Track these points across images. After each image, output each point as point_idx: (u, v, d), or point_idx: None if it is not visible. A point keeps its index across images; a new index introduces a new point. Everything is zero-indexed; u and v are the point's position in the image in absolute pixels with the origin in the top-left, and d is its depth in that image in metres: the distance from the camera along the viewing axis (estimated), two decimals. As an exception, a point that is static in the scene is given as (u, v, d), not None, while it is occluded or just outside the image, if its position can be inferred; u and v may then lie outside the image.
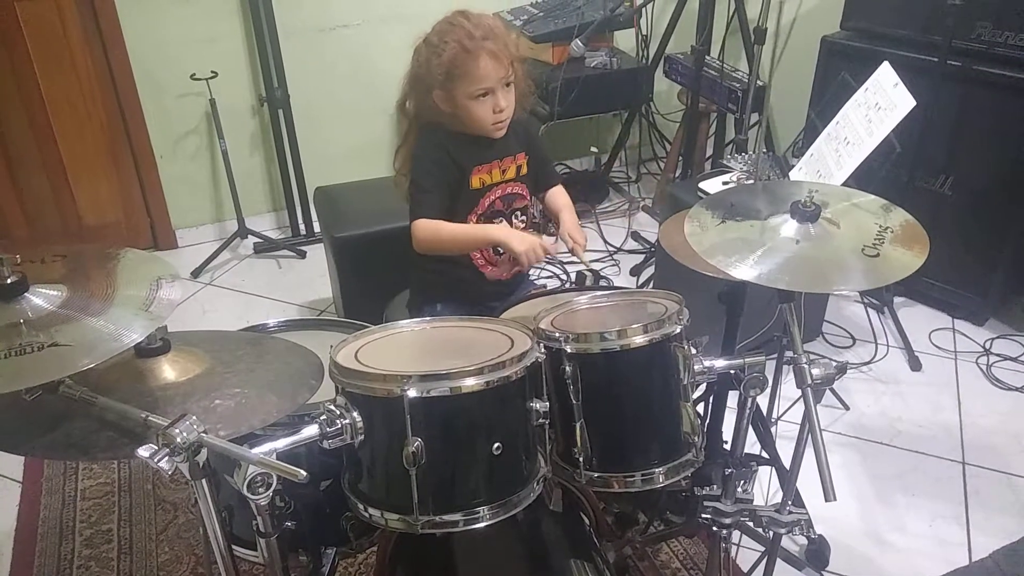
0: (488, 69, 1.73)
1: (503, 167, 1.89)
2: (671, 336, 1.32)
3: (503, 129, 1.84)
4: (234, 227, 3.42)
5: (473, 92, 1.74)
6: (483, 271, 1.95)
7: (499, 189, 1.89)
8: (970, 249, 2.78)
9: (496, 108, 1.77)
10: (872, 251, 1.39)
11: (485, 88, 1.74)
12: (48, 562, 2.04)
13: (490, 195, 1.88)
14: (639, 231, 3.50)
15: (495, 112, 1.78)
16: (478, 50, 1.71)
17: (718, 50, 3.45)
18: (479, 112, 1.77)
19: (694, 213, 1.48)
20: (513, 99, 1.80)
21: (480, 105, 1.76)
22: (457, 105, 1.77)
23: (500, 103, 1.77)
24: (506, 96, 1.78)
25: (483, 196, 1.87)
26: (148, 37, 3.13)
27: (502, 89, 1.77)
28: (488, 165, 1.86)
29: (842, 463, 2.32)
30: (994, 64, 2.58)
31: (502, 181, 1.89)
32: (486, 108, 1.77)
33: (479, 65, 1.72)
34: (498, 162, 1.88)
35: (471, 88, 1.74)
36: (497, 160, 1.88)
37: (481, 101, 1.76)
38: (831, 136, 2.03)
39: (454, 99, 1.77)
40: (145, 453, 0.95)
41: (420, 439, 1.14)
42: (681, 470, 1.36)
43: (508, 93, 1.79)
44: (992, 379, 2.65)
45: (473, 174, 1.85)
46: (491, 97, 1.76)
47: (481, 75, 1.73)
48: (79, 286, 1.15)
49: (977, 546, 2.06)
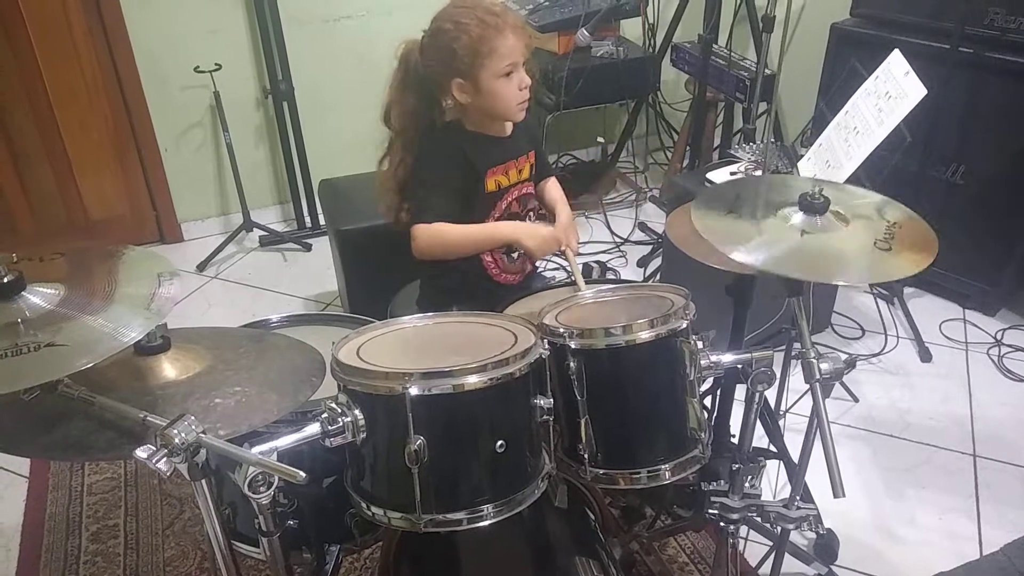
0: (515, 43, 1.69)
1: (519, 167, 1.86)
2: (677, 331, 1.30)
3: (524, 109, 1.79)
4: (239, 220, 3.41)
5: (501, 69, 1.69)
6: (497, 279, 1.91)
7: (515, 191, 1.86)
8: (982, 239, 2.74)
9: (522, 84, 1.73)
10: (884, 245, 1.37)
11: (512, 64, 1.70)
12: (55, 557, 2.04)
13: (507, 197, 1.84)
14: (646, 222, 3.47)
15: (521, 89, 1.74)
16: (503, 25, 1.68)
17: (726, 38, 3.42)
18: (506, 92, 1.72)
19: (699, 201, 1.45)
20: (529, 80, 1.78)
21: (507, 84, 1.71)
22: (482, 90, 1.72)
23: (525, 79, 1.74)
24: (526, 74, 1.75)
25: (500, 199, 1.83)
26: (152, 29, 3.12)
27: (522, 67, 1.74)
28: (503, 166, 1.82)
29: (851, 456, 2.30)
30: (1007, 51, 2.54)
31: (518, 182, 1.86)
32: (512, 87, 1.72)
33: (507, 39, 1.68)
34: (513, 162, 1.84)
35: (499, 65, 1.69)
36: (513, 160, 1.84)
37: (507, 80, 1.71)
38: (840, 126, 2.00)
39: (478, 83, 1.71)
40: (143, 454, 0.94)
41: (422, 437, 1.12)
42: (687, 467, 1.35)
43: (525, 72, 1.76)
44: (1004, 370, 2.62)
45: (488, 176, 1.80)
46: (516, 74, 1.72)
47: (510, 48, 1.69)
48: (78, 284, 1.14)
49: (988, 540, 2.04)
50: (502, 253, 1.89)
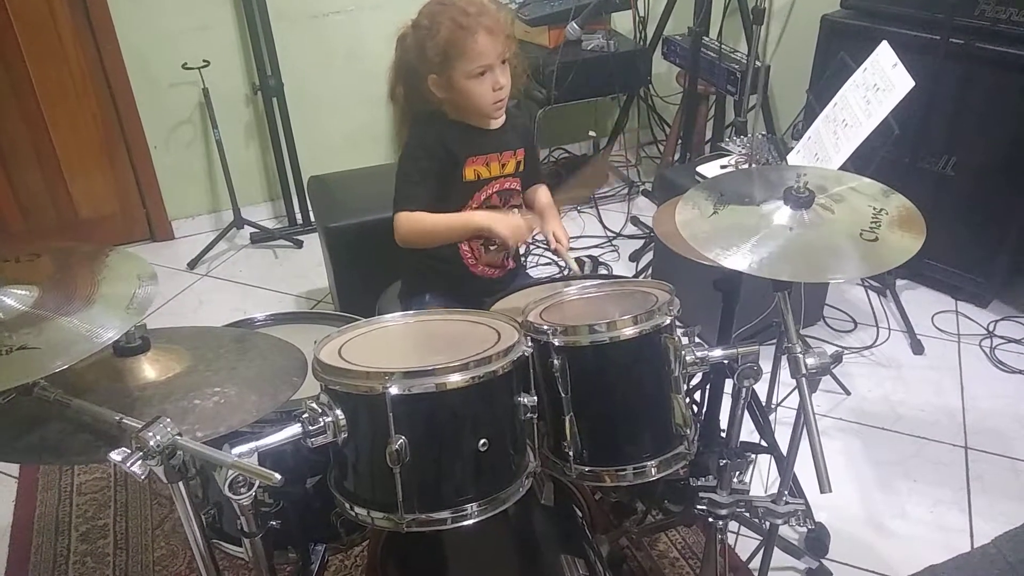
0: (486, 45, 1.69)
1: (503, 160, 1.85)
2: (661, 327, 1.29)
3: (502, 109, 1.79)
4: (230, 217, 3.39)
5: (472, 71, 1.70)
6: (473, 270, 1.91)
7: (496, 184, 1.85)
8: (973, 230, 2.74)
9: (495, 86, 1.73)
10: (870, 235, 1.36)
11: (484, 66, 1.70)
12: (44, 558, 2.03)
13: (487, 189, 1.84)
14: (638, 216, 3.46)
15: (495, 90, 1.74)
16: (475, 26, 1.67)
17: (716, 31, 3.40)
18: (478, 91, 1.73)
19: (685, 201, 1.45)
20: (510, 78, 1.76)
21: (479, 84, 1.72)
22: (454, 88, 1.73)
23: (499, 80, 1.73)
24: (504, 74, 1.74)
25: (479, 190, 1.83)
26: (140, 25, 3.10)
27: (499, 67, 1.73)
28: (484, 157, 1.82)
29: (842, 448, 2.30)
30: (997, 42, 2.53)
31: (500, 176, 1.85)
32: (485, 87, 1.72)
33: (477, 41, 1.68)
34: (496, 155, 1.84)
35: (470, 67, 1.69)
36: (496, 153, 1.83)
37: (480, 80, 1.71)
38: (829, 118, 2.00)
39: (451, 82, 1.72)
40: (117, 457, 0.93)
41: (404, 437, 1.11)
42: (673, 463, 1.34)
43: (505, 71, 1.75)
44: (995, 362, 2.62)
45: (467, 165, 1.80)
46: (489, 75, 1.72)
47: (480, 51, 1.69)
48: (56, 286, 1.12)
49: (979, 532, 2.03)
50: (479, 244, 1.89)
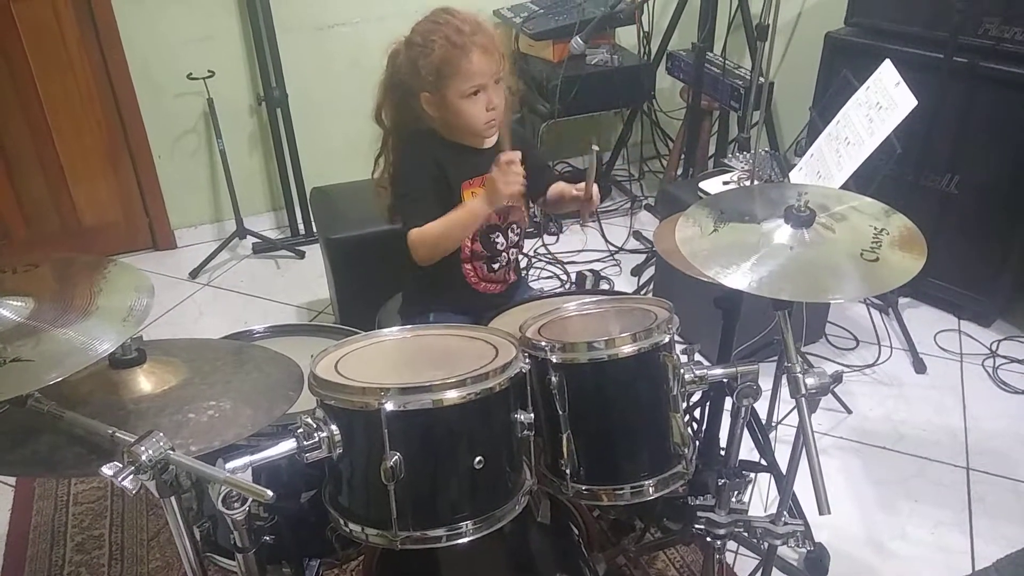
0: (480, 64, 1.68)
1: None
2: (660, 345, 1.28)
3: (494, 128, 1.78)
4: (233, 227, 3.39)
5: (465, 90, 1.69)
6: (476, 288, 1.89)
7: None
8: (977, 249, 2.72)
9: (489, 106, 1.72)
10: (871, 255, 1.36)
11: (477, 85, 1.69)
12: (39, 568, 2.02)
13: None
14: (640, 230, 3.45)
15: (488, 110, 1.73)
16: (469, 45, 1.66)
17: (721, 47, 3.41)
18: (471, 111, 1.72)
19: (685, 218, 1.44)
20: (503, 97, 1.75)
21: (472, 104, 1.71)
22: (447, 107, 1.72)
23: (492, 100, 1.72)
24: (497, 93, 1.73)
25: None
26: (145, 36, 3.11)
27: (493, 86, 1.72)
28: (480, 179, 1.78)
29: (843, 468, 2.28)
30: (1001, 60, 2.53)
31: None
32: (479, 107, 1.72)
33: (471, 60, 1.67)
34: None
35: (464, 86, 1.68)
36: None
37: (473, 100, 1.71)
38: (831, 136, 1.99)
39: (444, 100, 1.71)
40: (109, 472, 0.92)
41: (399, 453, 1.11)
42: (671, 482, 1.33)
43: (499, 90, 1.74)
44: (998, 382, 2.60)
45: (463, 189, 1.78)
46: (483, 95, 1.71)
47: (474, 71, 1.68)
48: (52, 297, 1.12)
49: (980, 554, 2.01)
50: (482, 262, 1.88)
